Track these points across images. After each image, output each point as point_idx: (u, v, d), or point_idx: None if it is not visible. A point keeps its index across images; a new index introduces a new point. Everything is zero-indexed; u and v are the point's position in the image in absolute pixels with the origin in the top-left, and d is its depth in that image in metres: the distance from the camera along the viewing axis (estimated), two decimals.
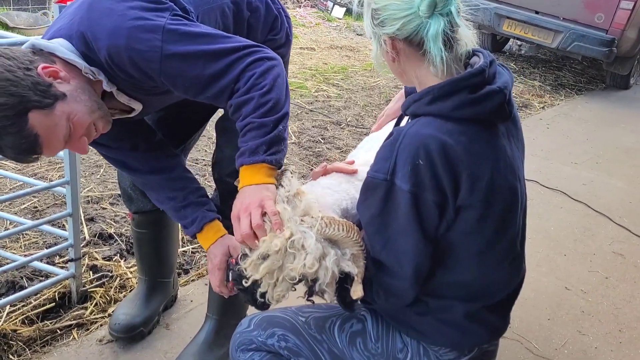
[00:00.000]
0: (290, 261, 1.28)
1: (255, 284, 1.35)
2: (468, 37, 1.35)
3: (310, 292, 1.36)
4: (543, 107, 6.32)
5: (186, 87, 1.52)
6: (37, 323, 2.30)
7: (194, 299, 2.57)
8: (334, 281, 1.32)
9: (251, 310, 2.21)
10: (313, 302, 1.43)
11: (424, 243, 1.30)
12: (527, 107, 6.24)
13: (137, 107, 1.62)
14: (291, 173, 1.47)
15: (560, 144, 5.24)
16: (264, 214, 1.35)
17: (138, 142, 1.80)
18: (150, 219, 2.23)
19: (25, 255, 2.54)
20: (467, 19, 1.35)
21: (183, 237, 2.99)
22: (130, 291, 2.52)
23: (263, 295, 1.35)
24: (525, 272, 1.58)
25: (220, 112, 2.02)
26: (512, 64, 7.76)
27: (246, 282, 1.35)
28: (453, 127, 1.27)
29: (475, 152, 1.28)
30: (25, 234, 2.80)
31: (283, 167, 1.50)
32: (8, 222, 2.85)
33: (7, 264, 2.29)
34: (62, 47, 1.43)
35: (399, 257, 1.31)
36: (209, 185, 3.53)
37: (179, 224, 1.81)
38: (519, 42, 8.65)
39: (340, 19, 8.94)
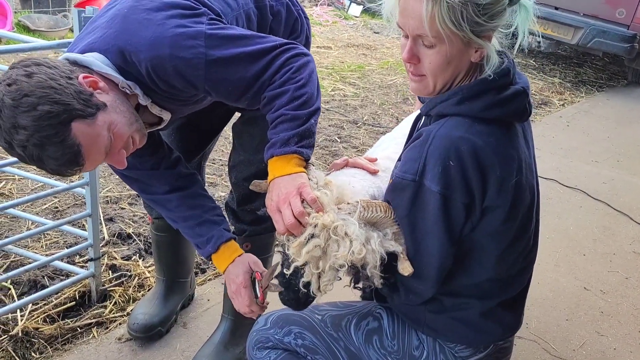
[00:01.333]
0: (335, 249, 1.26)
1: (298, 274, 1.32)
2: (495, 38, 1.35)
3: (356, 279, 1.35)
4: (563, 105, 6.24)
5: (229, 91, 1.51)
6: (58, 321, 2.34)
7: (210, 298, 2.59)
8: (379, 264, 1.30)
9: (267, 308, 2.22)
10: (361, 289, 1.39)
11: (449, 244, 1.31)
12: (547, 104, 6.16)
13: (167, 117, 1.60)
14: (313, 165, 1.48)
15: (580, 141, 5.17)
16: (302, 202, 1.35)
17: (159, 160, 1.78)
18: (169, 223, 2.25)
19: (46, 255, 2.60)
20: None
21: None
22: (148, 290, 2.55)
23: (307, 286, 1.32)
24: (533, 266, 1.58)
25: (237, 114, 2.04)
26: (531, 61, 7.67)
27: (287, 271, 1.32)
28: (481, 128, 1.28)
29: (503, 153, 1.29)
30: (47, 234, 2.86)
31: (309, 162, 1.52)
32: (30, 222, 2.91)
33: (29, 263, 2.34)
34: (97, 60, 1.41)
35: (424, 258, 1.32)
36: (226, 185, 3.56)
37: (195, 246, 1.78)
38: (538, 39, 8.54)
39: (357, 17, 8.93)
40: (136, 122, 1.47)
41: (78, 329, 2.33)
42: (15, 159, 1.43)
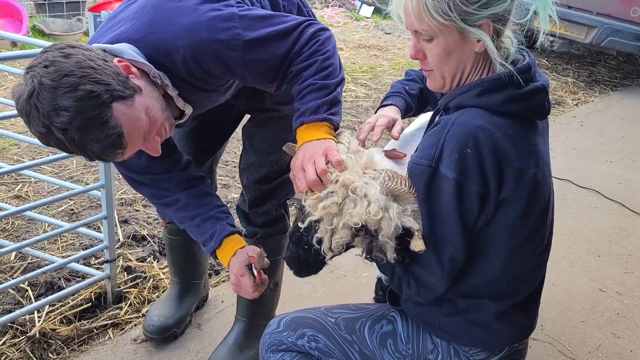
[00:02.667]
0: (351, 207, 1.26)
1: (311, 230, 1.32)
2: (513, 35, 1.38)
3: (369, 249, 1.33)
4: (577, 104, 6.19)
5: (263, 73, 1.54)
6: (75, 322, 2.37)
7: (224, 299, 2.61)
8: (394, 237, 1.29)
9: (278, 310, 2.23)
10: (372, 260, 1.37)
11: (461, 234, 1.31)
12: (560, 104, 6.11)
13: (189, 111, 1.59)
14: (349, 134, 1.50)
15: (595, 141, 5.12)
16: (327, 163, 1.37)
17: (173, 163, 1.76)
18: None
19: (62, 257, 2.63)
20: None
21: None
22: (163, 292, 2.57)
23: (320, 242, 1.31)
24: (547, 268, 1.57)
25: (247, 117, 2.05)
26: (544, 61, 7.61)
27: (302, 224, 1.33)
28: (500, 121, 1.29)
29: (521, 145, 1.30)
30: (63, 236, 2.89)
31: (339, 130, 1.54)
32: (46, 224, 2.95)
33: (46, 265, 2.37)
34: (128, 49, 1.40)
35: (436, 245, 1.32)
36: (238, 187, 3.58)
37: (201, 244, 1.78)
38: (551, 38, 8.48)
39: (368, 18, 8.92)
40: (166, 110, 1.46)
41: (94, 330, 2.35)
42: (31, 162, 1.44)
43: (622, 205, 3.93)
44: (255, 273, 1.63)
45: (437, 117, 1.50)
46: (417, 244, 1.28)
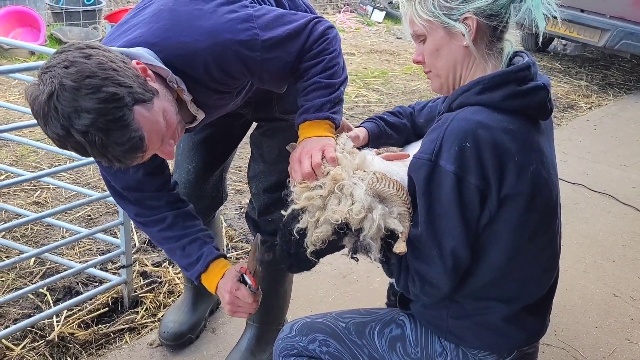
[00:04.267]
0: (335, 204, 1.31)
1: (296, 220, 1.36)
2: (514, 37, 1.44)
3: (354, 249, 1.37)
4: (590, 108, 6.15)
5: (278, 70, 1.56)
6: (92, 327, 2.42)
7: None
8: (379, 237, 1.33)
9: (291, 315, 2.26)
10: (357, 260, 1.43)
11: (463, 228, 1.32)
12: (573, 108, 6.08)
13: (201, 117, 1.59)
14: (347, 136, 1.55)
15: (609, 145, 5.09)
16: (323, 158, 1.42)
17: (164, 182, 1.74)
18: None
19: (80, 262, 2.69)
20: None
21: (227, 244, 3.07)
22: (178, 296, 2.62)
23: (300, 233, 1.35)
24: (559, 273, 1.58)
25: (254, 125, 2.07)
26: (557, 64, 7.57)
27: (284, 212, 1.38)
28: (501, 117, 1.32)
29: (522, 140, 1.32)
30: (80, 242, 2.95)
31: (338, 131, 1.60)
32: (64, 230, 3.01)
33: (64, 270, 2.42)
34: (146, 53, 1.38)
35: (437, 239, 1.33)
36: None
37: (183, 268, 1.74)
38: (563, 42, 8.43)
39: (380, 22, 8.94)
40: (179, 114, 1.45)
41: (111, 334, 2.40)
42: (50, 169, 1.45)
43: (636, 210, 3.90)
44: (250, 280, 1.61)
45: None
46: (399, 246, 1.32)
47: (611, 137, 5.32)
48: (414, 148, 1.75)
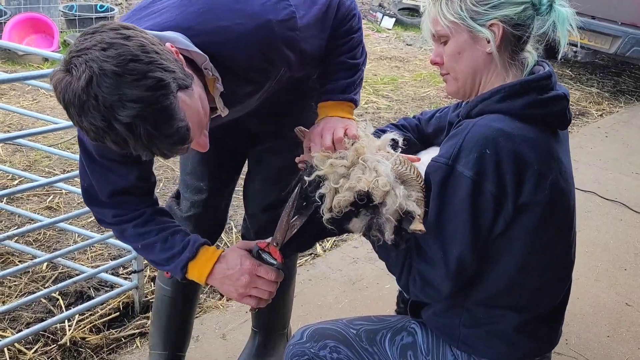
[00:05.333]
0: (360, 173, 1.28)
1: (318, 188, 1.31)
2: (535, 49, 1.45)
3: (369, 226, 1.33)
4: (601, 115, 6.12)
5: (314, 51, 1.51)
6: (104, 331, 2.44)
7: (248, 309, 2.64)
8: (394, 218, 1.30)
9: (301, 321, 2.26)
10: (370, 239, 1.37)
11: (471, 235, 1.31)
12: (584, 115, 6.05)
13: (225, 113, 1.45)
14: (368, 121, 1.55)
15: (620, 153, 5.05)
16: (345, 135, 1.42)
17: (150, 188, 1.58)
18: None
19: (92, 267, 2.71)
20: None
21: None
22: None
23: (322, 198, 1.30)
24: (572, 282, 1.57)
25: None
26: (567, 71, 7.55)
27: (308, 177, 1.33)
28: (521, 125, 1.32)
29: (541, 149, 1.33)
30: (92, 247, 2.97)
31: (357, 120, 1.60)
32: (76, 235, 3.03)
33: (77, 275, 2.44)
34: (180, 37, 1.26)
35: (444, 242, 1.33)
36: None
37: (164, 269, 1.51)
38: (574, 48, 8.40)
39: (389, 29, 8.96)
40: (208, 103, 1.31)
41: (122, 339, 2.42)
42: (63, 175, 1.40)
43: None
44: (274, 257, 1.42)
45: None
46: (417, 226, 1.28)
47: (622, 144, 5.29)
48: (426, 154, 1.75)
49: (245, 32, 1.32)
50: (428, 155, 1.71)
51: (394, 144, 1.57)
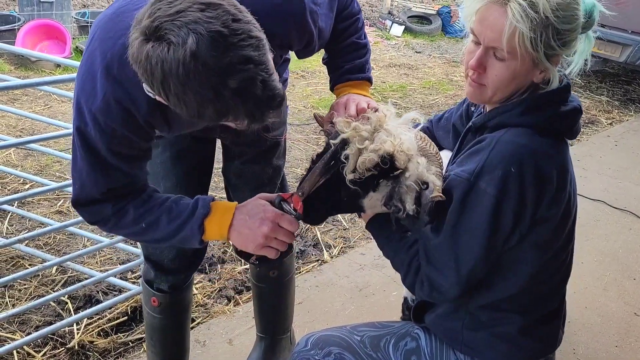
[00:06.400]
0: (384, 137, 1.28)
1: (344, 148, 1.30)
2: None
3: (390, 195, 1.30)
4: (611, 124, 6.09)
5: (326, 29, 1.53)
6: (112, 335, 2.46)
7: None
8: (414, 189, 1.28)
9: (307, 328, 2.27)
10: (390, 209, 1.32)
11: (487, 249, 1.32)
12: (594, 123, 6.02)
13: None
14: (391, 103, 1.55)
15: (630, 162, 5.02)
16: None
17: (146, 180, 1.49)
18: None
19: (101, 271, 2.73)
20: None
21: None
22: (196, 306, 2.64)
23: (346, 158, 1.29)
24: (579, 290, 1.58)
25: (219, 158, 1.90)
26: (577, 79, 7.47)
27: (334, 140, 1.32)
28: (543, 141, 1.33)
29: (561, 166, 1.34)
30: (101, 251, 3.00)
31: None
32: (86, 239, 3.06)
33: (85, 279, 2.47)
34: None
35: (458, 253, 1.34)
36: None
37: (177, 240, 1.42)
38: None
39: (398, 37, 8.97)
40: None
41: (130, 343, 2.43)
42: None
43: None
44: (296, 207, 1.37)
45: (468, 135, 1.52)
46: (436, 195, 1.26)
47: (632, 153, 5.25)
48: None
49: (279, 3, 1.30)
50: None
51: (415, 126, 1.57)
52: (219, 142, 1.89)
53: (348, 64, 1.62)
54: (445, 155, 1.71)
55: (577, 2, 1.29)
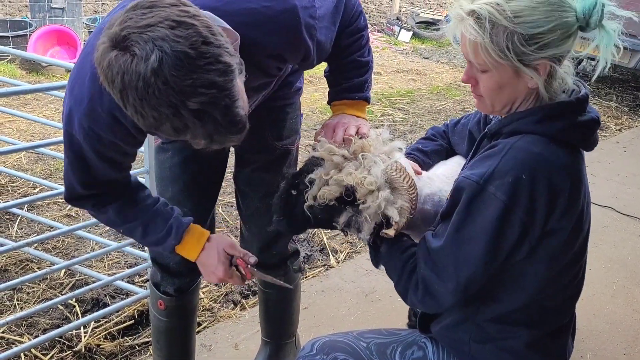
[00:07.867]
0: (352, 169, 1.36)
1: (310, 171, 1.39)
2: (568, 67, 1.39)
3: (348, 222, 1.41)
4: (620, 130, 6.06)
5: (327, 44, 1.50)
6: (118, 339, 2.47)
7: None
8: (374, 221, 1.37)
9: (312, 332, 2.27)
10: (346, 234, 1.48)
11: (489, 257, 1.30)
12: (603, 129, 5.99)
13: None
14: (387, 127, 1.60)
15: (639, 168, 4.99)
16: (356, 133, 1.47)
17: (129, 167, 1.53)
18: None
19: (108, 275, 2.75)
20: None
21: None
22: (202, 310, 2.65)
23: (311, 183, 1.38)
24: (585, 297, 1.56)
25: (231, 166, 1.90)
26: (586, 85, 7.48)
27: (316, 151, 1.41)
28: (557, 150, 1.30)
29: (575, 177, 1.31)
30: (109, 254, 3.02)
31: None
32: (94, 242, 3.08)
33: (93, 282, 2.48)
34: (213, 15, 1.17)
35: (458, 259, 1.32)
36: None
37: (151, 248, 1.57)
38: (593, 62, 8.34)
39: (406, 42, 8.99)
40: None
41: (136, 346, 2.44)
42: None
43: None
44: (245, 272, 1.57)
45: (484, 142, 1.50)
46: (389, 232, 1.37)
47: None
48: (443, 165, 1.76)
49: (272, 15, 1.26)
50: (445, 167, 1.73)
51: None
52: (232, 148, 1.89)
53: (347, 82, 1.59)
54: (458, 162, 1.71)
55: (547, 4, 1.24)
